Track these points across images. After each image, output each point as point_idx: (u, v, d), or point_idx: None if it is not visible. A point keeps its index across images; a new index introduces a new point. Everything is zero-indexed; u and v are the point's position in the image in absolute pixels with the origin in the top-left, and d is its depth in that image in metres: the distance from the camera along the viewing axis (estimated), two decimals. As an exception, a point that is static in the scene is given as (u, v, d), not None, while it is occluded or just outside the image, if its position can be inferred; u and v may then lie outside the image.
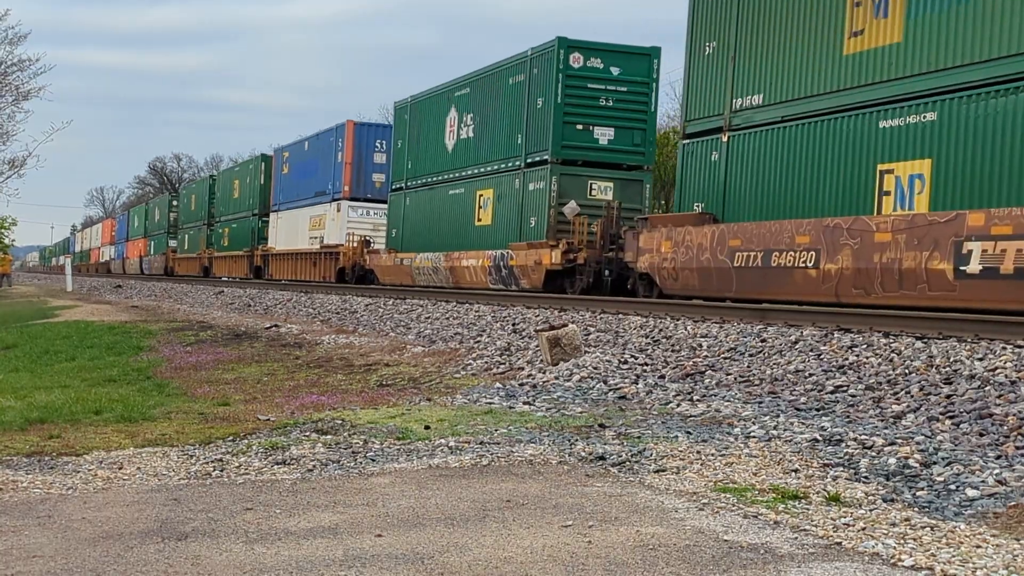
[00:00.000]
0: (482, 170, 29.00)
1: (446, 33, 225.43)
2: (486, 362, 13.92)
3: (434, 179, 32.38)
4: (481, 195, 29.11)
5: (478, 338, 16.53)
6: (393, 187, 35.75)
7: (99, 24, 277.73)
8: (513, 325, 17.49)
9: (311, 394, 12.07)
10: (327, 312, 25.24)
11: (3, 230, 50.40)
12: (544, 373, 12.50)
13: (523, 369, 13.06)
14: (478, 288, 27.51)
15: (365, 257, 36.93)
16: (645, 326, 15.50)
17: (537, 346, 13.98)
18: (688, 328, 14.78)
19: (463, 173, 30.28)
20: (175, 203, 73.24)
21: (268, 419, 10.07)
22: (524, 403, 10.61)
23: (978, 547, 5.43)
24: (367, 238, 38.31)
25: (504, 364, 13.64)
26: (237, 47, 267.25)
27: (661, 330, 14.94)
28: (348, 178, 39.94)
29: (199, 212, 65.45)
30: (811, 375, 11.04)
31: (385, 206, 37.15)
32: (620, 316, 17.09)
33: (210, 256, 59.76)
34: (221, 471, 7.50)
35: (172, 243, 70.07)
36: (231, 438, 8.97)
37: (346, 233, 39.02)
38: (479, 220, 29.21)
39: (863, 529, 5.76)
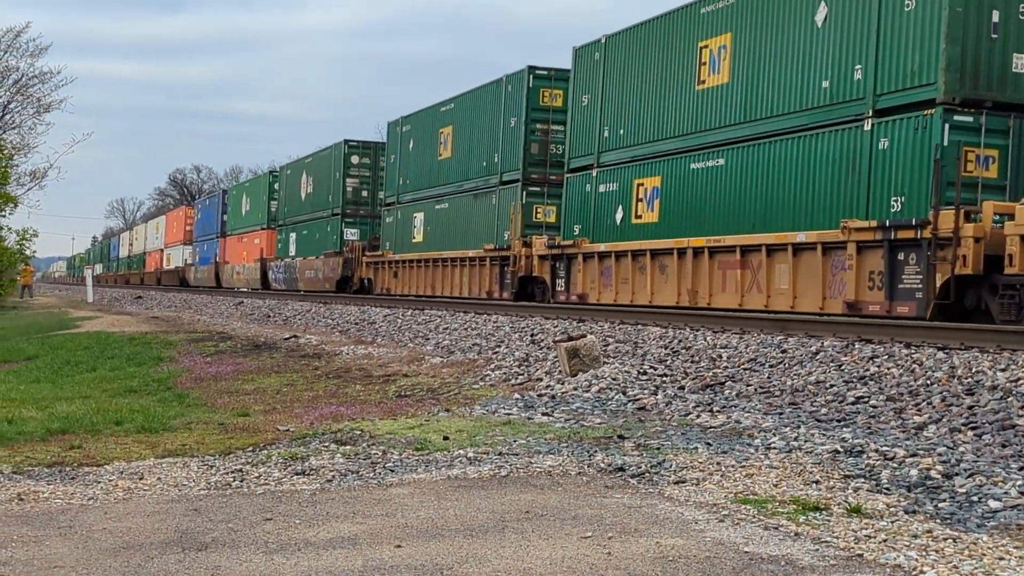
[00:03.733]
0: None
1: (458, 42, 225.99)
2: (504, 373, 13.91)
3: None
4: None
5: (496, 349, 16.52)
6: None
7: (115, 35, 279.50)
8: (531, 336, 17.48)
9: (330, 405, 12.09)
10: (346, 323, 25.28)
11: (24, 241, 50.51)
12: (563, 384, 12.48)
13: (541, 380, 13.04)
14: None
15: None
16: (664, 337, 15.47)
17: (555, 357, 13.96)
18: (708, 339, 14.74)
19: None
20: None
21: (287, 430, 10.08)
22: (543, 414, 10.60)
23: (1001, 559, 5.39)
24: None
25: (522, 375, 13.63)
26: (252, 58, 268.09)
27: (680, 341, 14.91)
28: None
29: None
30: (832, 386, 11.00)
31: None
32: (639, 327, 17.06)
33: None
34: (241, 481, 7.51)
35: (351, 234, 42.36)
36: (251, 448, 8.99)
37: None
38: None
39: (884, 541, 5.73)
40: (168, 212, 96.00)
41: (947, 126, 15.29)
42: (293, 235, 48.93)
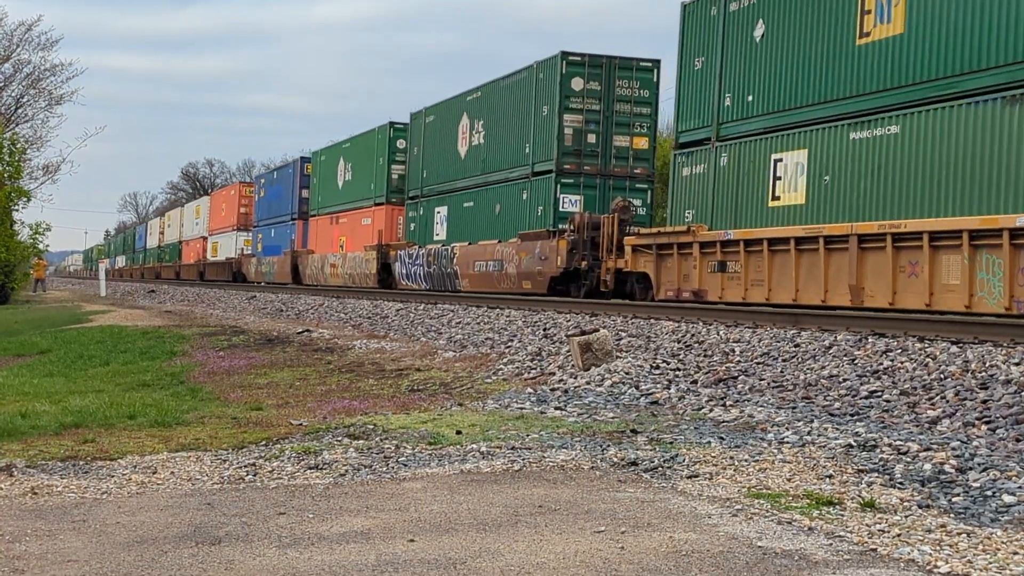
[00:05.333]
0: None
1: (470, 35, 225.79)
2: (517, 367, 13.91)
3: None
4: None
5: (509, 343, 16.52)
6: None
7: (127, 28, 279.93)
8: (544, 330, 17.47)
9: (343, 399, 12.10)
10: (358, 317, 25.31)
11: (38, 235, 50.71)
12: (575, 378, 12.47)
13: (554, 374, 13.04)
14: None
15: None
16: (677, 331, 15.45)
17: (568, 351, 13.96)
18: (721, 333, 14.72)
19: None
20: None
21: (300, 424, 10.09)
22: (556, 408, 10.60)
23: (1015, 553, 5.37)
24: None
25: (535, 369, 13.63)
26: (263, 52, 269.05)
27: (693, 335, 14.89)
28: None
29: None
30: (845, 380, 10.98)
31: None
32: (652, 321, 17.04)
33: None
34: (254, 476, 7.52)
35: (570, 203, 28.83)
36: (264, 443, 9.00)
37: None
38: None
39: (898, 535, 5.71)
40: (214, 192, 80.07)
41: None
42: (442, 211, 35.16)
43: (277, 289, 44.13)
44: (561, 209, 27.38)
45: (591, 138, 27.42)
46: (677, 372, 12.51)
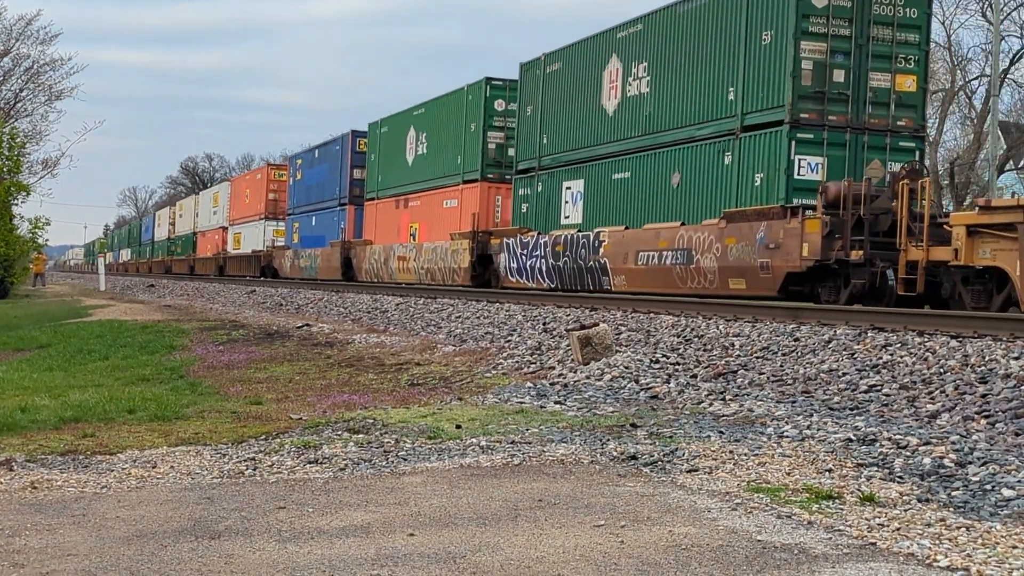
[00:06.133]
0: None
1: (470, 29, 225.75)
2: (517, 361, 13.91)
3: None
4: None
5: (509, 337, 16.52)
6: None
7: (125, 23, 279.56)
8: (543, 324, 17.47)
9: (343, 393, 12.10)
10: (358, 311, 25.31)
11: (37, 230, 50.69)
12: (575, 372, 12.47)
13: (554, 368, 13.04)
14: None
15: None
16: (677, 325, 15.45)
17: (568, 345, 13.96)
18: (720, 327, 14.72)
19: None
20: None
21: (300, 418, 10.09)
22: (555, 402, 10.60)
23: (1014, 547, 5.38)
24: None
25: (535, 363, 13.63)
26: (262, 46, 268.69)
27: (693, 329, 14.89)
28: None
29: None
30: (845, 374, 10.98)
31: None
32: (651, 315, 17.04)
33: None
34: (254, 470, 7.53)
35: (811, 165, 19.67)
36: (264, 437, 9.00)
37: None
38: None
39: (898, 529, 5.72)
40: (235, 177, 70.76)
41: None
42: (575, 186, 26.38)
43: (276, 284, 43.56)
44: (797, 176, 19.23)
45: (838, 75, 19.38)
46: (677, 366, 12.51)
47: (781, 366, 11.85)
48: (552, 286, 26.19)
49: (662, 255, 21.85)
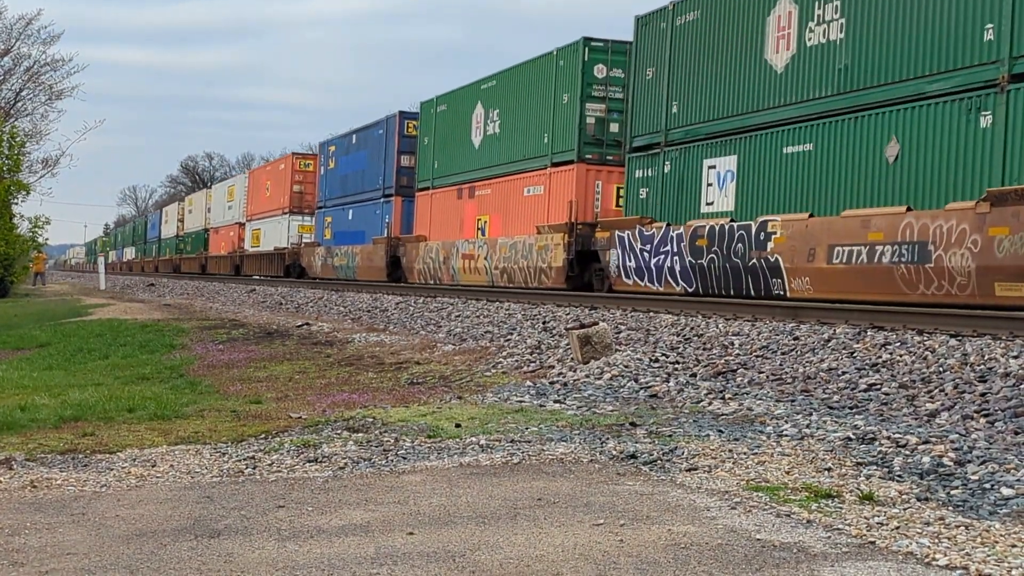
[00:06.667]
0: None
1: (471, 28, 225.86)
2: (516, 360, 13.92)
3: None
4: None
5: (508, 336, 16.52)
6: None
7: (125, 21, 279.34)
8: (543, 323, 17.48)
9: (342, 392, 12.10)
10: (358, 310, 25.32)
11: (37, 229, 50.74)
12: (575, 371, 12.48)
13: (554, 367, 13.04)
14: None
15: None
16: (676, 324, 15.46)
17: (568, 344, 13.96)
18: (720, 326, 14.73)
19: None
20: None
21: (300, 417, 10.10)
22: (555, 401, 10.60)
23: (1013, 546, 5.38)
24: None
25: (535, 362, 13.63)
26: (262, 44, 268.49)
27: (692, 328, 14.90)
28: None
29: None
30: (844, 373, 10.98)
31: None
32: (651, 314, 17.05)
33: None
34: (253, 469, 7.53)
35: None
36: (263, 436, 9.01)
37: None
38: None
39: (897, 528, 5.72)
40: (253, 169, 65.38)
41: None
42: (722, 164, 20.89)
43: (276, 283, 43.16)
44: None
45: None
46: (676, 365, 12.51)
47: (780, 365, 11.85)
48: (690, 290, 20.85)
49: (875, 251, 16.38)
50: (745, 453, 7.72)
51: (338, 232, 43.42)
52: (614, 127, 25.54)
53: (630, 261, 22.98)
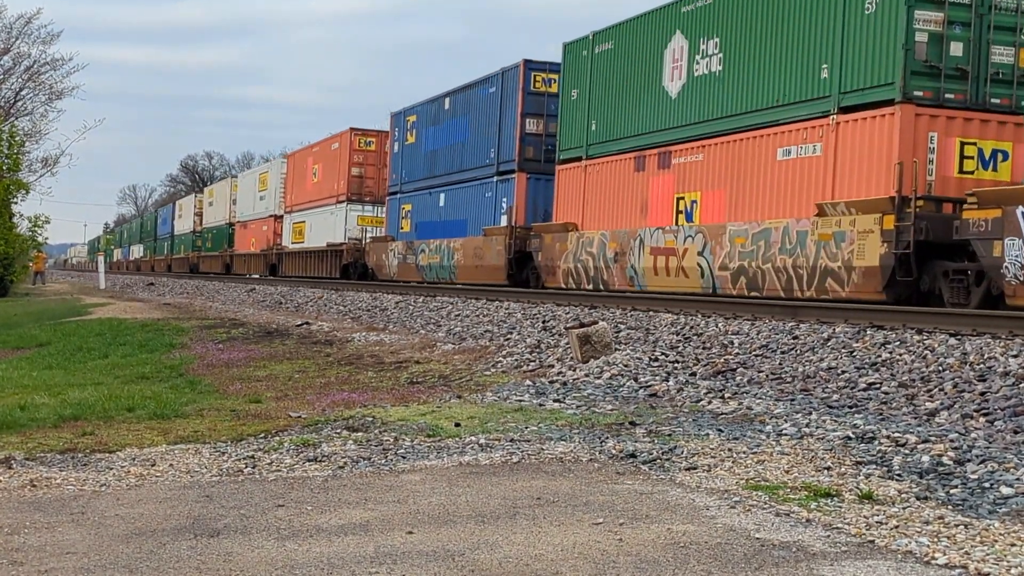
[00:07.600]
0: None
1: (471, 27, 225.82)
2: (516, 360, 13.92)
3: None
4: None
5: (508, 335, 16.52)
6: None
7: (125, 21, 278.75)
8: (543, 323, 17.48)
9: (342, 391, 12.10)
10: (357, 310, 25.32)
11: (37, 228, 50.80)
12: (574, 371, 12.48)
13: (553, 367, 13.04)
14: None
15: None
16: (676, 323, 15.46)
17: (567, 344, 13.96)
18: (719, 325, 14.73)
19: None
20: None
21: (299, 416, 10.09)
22: (554, 401, 10.60)
23: (1012, 545, 5.38)
24: None
25: (534, 362, 13.63)
26: (262, 44, 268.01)
27: (692, 327, 14.90)
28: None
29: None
30: (843, 372, 10.99)
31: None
32: (651, 313, 17.05)
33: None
34: (253, 468, 7.53)
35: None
36: (263, 435, 9.00)
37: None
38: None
39: (896, 527, 5.72)
40: (294, 152, 54.41)
41: None
42: None
43: (275, 282, 42.76)
44: None
45: None
46: (676, 364, 12.52)
47: (780, 364, 11.85)
48: None
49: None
50: (744, 452, 7.72)
51: (422, 223, 35.00)
52: (956, 48, 16.61)
53: None
